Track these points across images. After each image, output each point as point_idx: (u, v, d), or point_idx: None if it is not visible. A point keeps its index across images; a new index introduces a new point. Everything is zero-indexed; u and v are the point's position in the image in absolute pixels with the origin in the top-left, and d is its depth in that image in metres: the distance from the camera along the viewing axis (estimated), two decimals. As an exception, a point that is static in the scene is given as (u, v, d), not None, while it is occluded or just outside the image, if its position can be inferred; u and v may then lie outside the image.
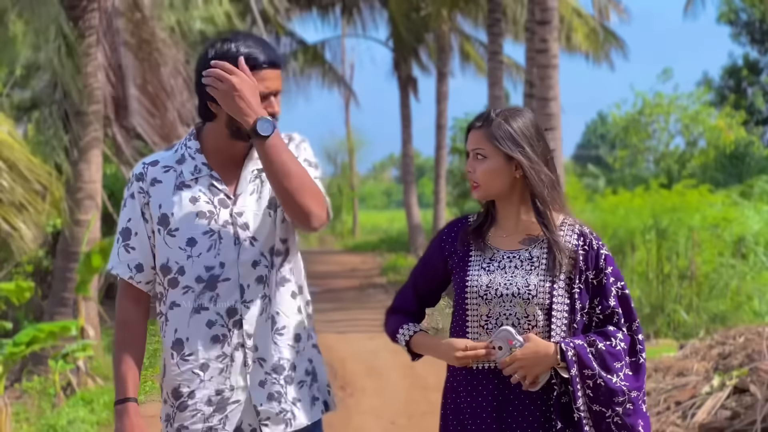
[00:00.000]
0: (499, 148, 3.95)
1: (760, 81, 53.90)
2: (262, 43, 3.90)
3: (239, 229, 3.91)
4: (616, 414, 3.88)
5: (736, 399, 9.06)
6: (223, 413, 3.91)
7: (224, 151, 3.97)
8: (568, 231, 4.05)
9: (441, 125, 34.60)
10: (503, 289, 3.94)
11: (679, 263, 17.14)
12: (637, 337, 4.01)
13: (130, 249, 3.98)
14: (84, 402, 11.00)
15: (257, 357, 3.93)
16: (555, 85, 16.86)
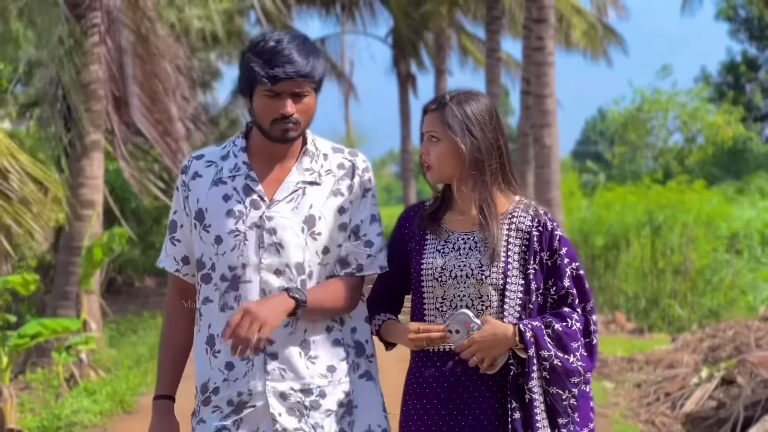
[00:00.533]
0: (447, 133, 3.96)
1: (758, 77, 54.01)
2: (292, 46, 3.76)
3: (265, 233, 3.83)
4: (573, 395, 3.89)
5: (723, 390, 9.28)
6: (238, 415, 3.83)
7: (265, 151, 3.91)
8: (522, 213, 4.04)
9: (440, 121, 34.79)
10: (457, 271, 3.94)
11: (674, 259, 17.28)
12: (591, 317, 4.00)
13: (176, 242, 3.97)
14: (87, 393, 11.17)
15: (278, 366, 3.83)
16: (551, 83, 17.04)
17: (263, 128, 3.81)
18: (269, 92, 3.74)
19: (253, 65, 3.72)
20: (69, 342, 11.74)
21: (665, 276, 17.05)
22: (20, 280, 10.80)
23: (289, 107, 3.74)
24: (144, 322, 17.46)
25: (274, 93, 3.74)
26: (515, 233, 3.99)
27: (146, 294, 23.24)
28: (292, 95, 3.76)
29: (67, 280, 13.46)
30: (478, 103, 4.00)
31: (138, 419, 10.52)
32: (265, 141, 3.87)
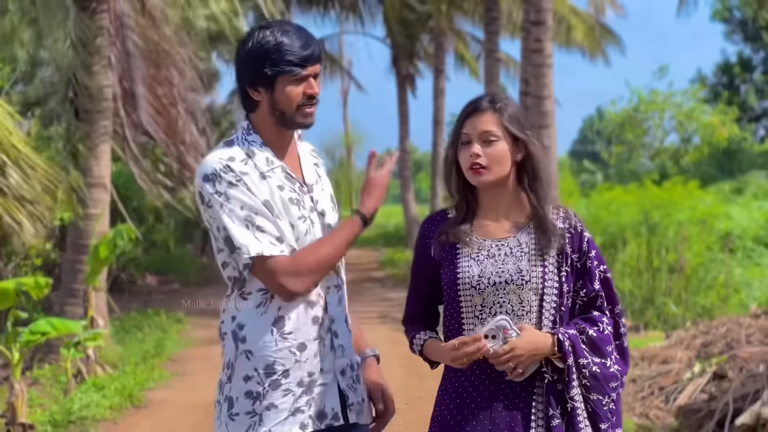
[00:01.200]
0: (509, 131, 3.95)
1: (753, 78, 54.20)
2: (299, 31, 3.92)
3: (320, 216, 4.01)
4: (612, 400, 3.90)
5: (715, 384, 9.56)
6: (310, 395, 3.90)
7: (278, 140, 4.01)
8: (554, 214, 4.04)
9: (438, 121, 34.90)
10: (495, 278, 3.89)
11: (669, 257, 17.47)
12: (620, 320, 4.01)
13: (263, 230, 3.85)
14: (96, 388, 11.40)
15: (339, 344, 3.99)
16: (549, 84, 17.29)
17: (287, 115, 3.91)
18: (297, 78, 3.87)
19: (282, 56, 3.84)
20: (77, 338, 11.95)
21: (660, 274, 17.21)
22: (33, 282, 11.00)
23: (315, 87, 3.91)
24: (148, 319, 17.63)
25: (301, 77, 3.87)
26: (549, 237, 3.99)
27: (148, 292, 23.39)
28: (314, 77, 3.92)
29: (75, 277, 13.63)
30: (517, 106, 4.05)
31: (147, 413, 10.79)
32: (276, 132, 3.99)
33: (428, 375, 4.59)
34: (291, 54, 3.83)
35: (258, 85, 3.90)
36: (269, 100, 3.90)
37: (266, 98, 3.91)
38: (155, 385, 12.17)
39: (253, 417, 3.85)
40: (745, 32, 54.23)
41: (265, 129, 3.98)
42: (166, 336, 15.98)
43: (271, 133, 3.99)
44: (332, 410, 3.92)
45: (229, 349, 3.93)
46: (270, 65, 3.84)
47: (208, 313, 19.08)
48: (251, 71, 3.90)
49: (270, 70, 3.85)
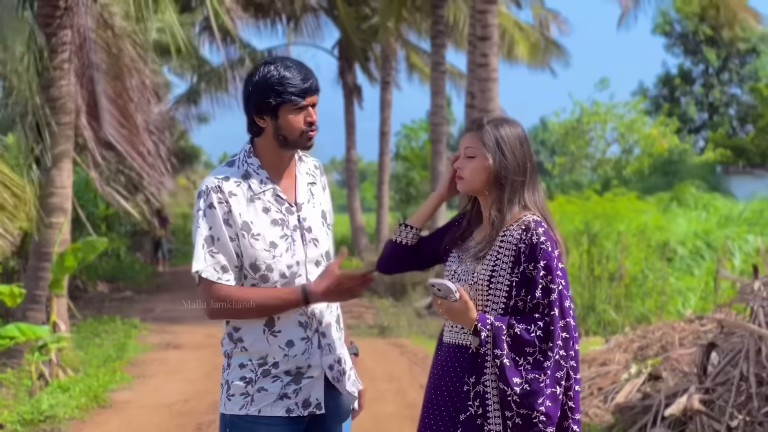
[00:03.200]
0: (485, 150, 4.48)
1: (693, 90, 55.10)
2: (299, 66, 4.44)
3: (305, 232, 4.50)
4: (515, 393, 4.22)
5: (650, 384, 10.17)
6: (298, 385, 4.42)
7: (277, 162, 4.52)
8: (516, 227, 4.45)
9: (384, 132, 35.26)
10: (461, 275, 4.52)
11: (609, 266, 17.94)
12: (552, 327, 4.29)
13: (214, 254, 4.38)
14: (62, 389, 11.80)
15: (326, 343, 4.50)
16: (495, 98, 17.81)
17: (290, 140, 4.44)
18: (297, 107, 4.39)
19: (284, 88, 4.35)
20: (42, 342, 12.33)
21: (601, 283, 17.60)
22: (8, 291, 11.40)
23: (314, 115, 4.43)
24: (104, 325, 18.02)
25: (301, 107, 4.39)
26: (506, 245, 4.44)
27: (101, 299, 23.69)
28: (312, 106, 4.44)
29: (37, 284, 13.90)
30: (512, 128, 4.54)
31: (113, 413, 11.21)
32: (276, 154, 4.50)
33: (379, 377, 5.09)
34: (292, 86, 4.35)
35: (263, 113, 4.40)
36: (273, 126, 4.41)
37: (271, 125, 4.42)
38: (118, 387, 12.60)
39: (246, 398, 4.40)
40: (685, 45, 55.18)
41: (266, 152, 4.50)
42: (125, 341, 16.40)
43: (271, 155, 4.50)
44: (316, 400, 4.44)
45: (227, 344, 4.48)
46: (274, 96, 4.36)
47: (164, 320, 19.54)
48: (257, 102, 4.41)
49: (274, 100, 4.36)
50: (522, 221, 4.46)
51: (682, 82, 54.80)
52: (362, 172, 75.50)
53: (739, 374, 7.56)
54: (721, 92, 54.91)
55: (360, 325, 17.37)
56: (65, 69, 13.83)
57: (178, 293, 24.71)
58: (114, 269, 28.20)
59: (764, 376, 7.13)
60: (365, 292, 5.10)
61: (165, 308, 21.67)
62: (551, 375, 4.26)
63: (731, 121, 55.47)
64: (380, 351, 14.37)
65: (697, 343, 10.14)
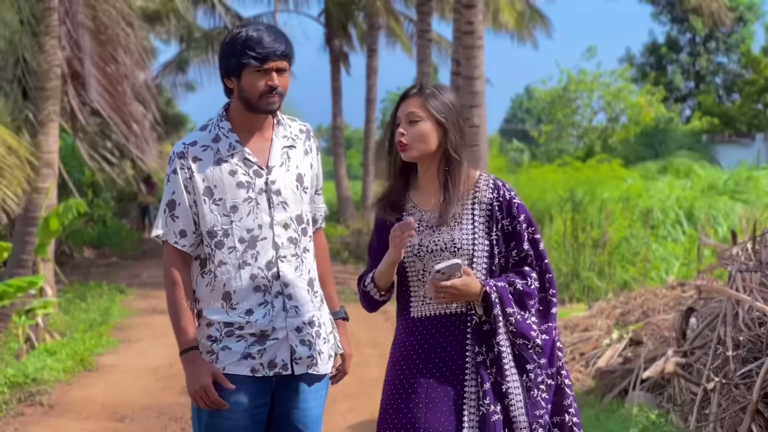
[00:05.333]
0: (431, 113, 4.45)
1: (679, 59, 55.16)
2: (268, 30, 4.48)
3: (273, 195, 4.50)
4: (536, 344, 4.35)
5: (631, 349, 10.30)
6: (262, 346, 4.45)
7: (247, 125, 4.56)
8: (484, 186, 4.55)
9: (370, 99, 35.29)
10: (432, 246, 4.44)
11: (593, 233, 18.03)
12: (547, 276, 4.50)
13: (175, 218, 4.52)
14: (48, 353, 11.90)
15: (293, 305, 4.50)
16: (480, 65, 17.86)
17: (251, 102, 4.46)
18: (259, 70, 4.40)
19: (245, 50, 4.39)
20: (29, 306, 12.42)
21: (585, 250, 17.68)
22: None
23: (276, 80, 4.41)
24: (91, 290, 18.09)
25: (262, 70, 4.40)
26: (478, 205, 4.51)
27: (87, 265, 23.77)
28: (277, 71, 4.43)
29: (24, 249, 14.01)
30: (449, 94, 4.55)
31: (99, 376, 11.30)
32: (246, 117, 4.54)
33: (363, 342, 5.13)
34: (255, 49, 4.39)
35: (230, 74, 4.49)
36: (238, 88, 4.47)
37: (236, 86, 4.47)
38: (104, 351, 12.68)
39: (211, 356, 4.48)
40: (672, 13, 55.19)
41: (237, 115, 4.56)
42: (110, 305, 16.49)
43: (241, 118, 4.55)
44: (282, 361, 4.47)
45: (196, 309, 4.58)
46: (237, 57, 4.42)
47: (149, 285, 19.60)
48: (224, 62, 4.51)
49: (237, 61, 4.42)
50: (485, 180, 4.57)
51: (669, 51, 54.85)
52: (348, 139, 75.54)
53: (716, 338, 7.67)
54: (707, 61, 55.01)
55: (345, 291, 17.43)
56: (52, 34, 13.86)
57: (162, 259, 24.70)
58: (100, 235, 28.26)
59: (741, 339, 7.24)
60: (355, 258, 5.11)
61: (151, 274, 21.71)
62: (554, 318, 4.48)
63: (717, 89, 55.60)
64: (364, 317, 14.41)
65: (677, 309, 10.27)
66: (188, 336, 4.46)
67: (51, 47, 13.84)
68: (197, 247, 4.57)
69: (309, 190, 4.70)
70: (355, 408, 9.26)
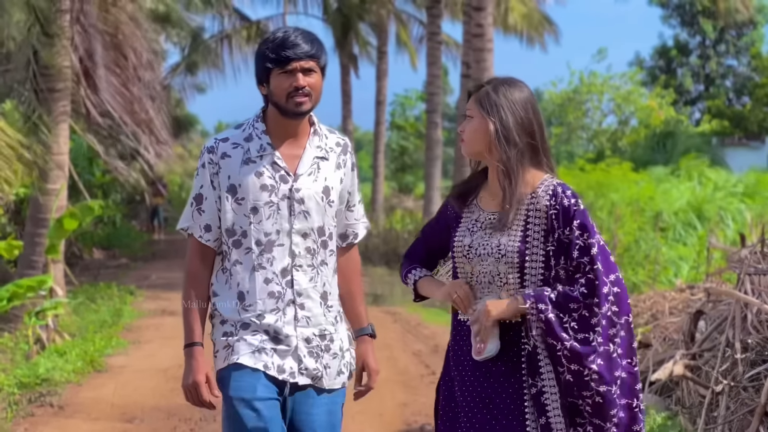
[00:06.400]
0: (480, 111, 4.31)
1: (689, 62, 55.12)
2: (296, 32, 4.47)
3: (296, 203, 4.47)
4: (565, 348, 4.08)
5: (640, 352, 10.30)
6: (275, 345, 4.45)
7: (282, 129, 4.54)
8: (542, 192, 4.27)
9: (380, 101, 35.38)
10: (481, 249, 4.28)
11: (603, 236, 18.07)
12: (595, 282, 4.13)
13: (201, 212, 4.53)
14: (58, 354, 11.96)
15: (304, 315, 4.49)
16: (490, 67, 17.94)
17: (280, 105, 4.45)
18: (283, 71, 4.39)
19: (268, 53, 4.42)
20: (39, 307, 12.48)
21: None
22: (5, 245, 11.51)
23: (300, 80, 4.39)
24: (101, 291, 18.16)
25: (286, 71, 4.39)
26: (534, 213, 4.26)
27: (97, 266, 23.81)
28: (302, 71, 4.40)
29: (34, 250, 14.03)
30: (513, 89, 4.35)
31: (108, 377, 11.35)
32: (281, 122, 4.52)
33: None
34: (277, 52, 4.39)
35: (261, 80, 4.51)
36: (269, 93, 4.48)
37: (268, 91, 4.49)
38: (114, 352, 12.74)
39: (227, 349, 4.48)
40: (682, 17, 55.15)
41: (272, 119, 4.54)
42: (121, 307, 16.55)
43: (276, 123, 4.54)
44: (290, 368, 4.46)
45: (212, 306, 4.60)
46: (263, 63, 4.45)
47: (158, 286, 19.67)
48: (256, 69, 4.54)
49: (263, 67, 4.46)
50: (546, 186, 4.32)
51: (679, 54, 54.80)
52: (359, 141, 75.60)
53: (725, 340, 7.69)
54: (717, 64, 54.95)
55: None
56: (64, 36, 13.89)
57: (173, 261, 24.82)
58: (110, 237, 28.33)
59: (749, 342, 7.26)
60: None
61: (160, 275, 21.79)
62: (603, 332, 4.12)
63: (727, 92, 55.53)
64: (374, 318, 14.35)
65: (686, 311, 10.27)
66: (193, 332, 4.51)
67: (62, 48, 13.86)
68: (221, 242, 4.58)
69: (336, 204, 4.65)
70: (365, 410, 9.28)
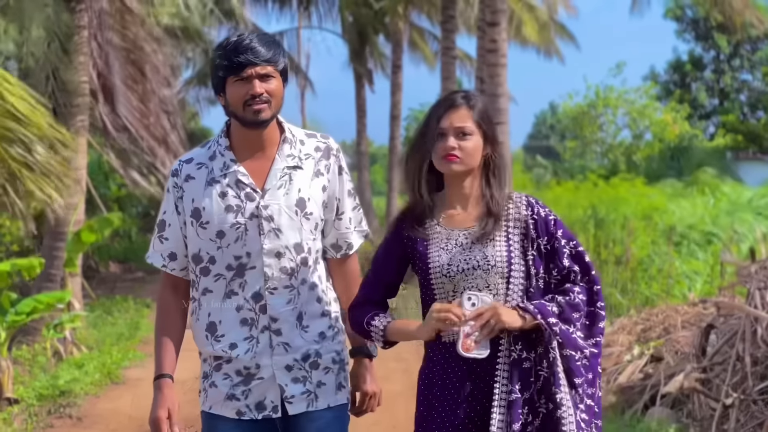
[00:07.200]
0: (481, 127, 4.14)
1: (703, 76, 55.03)
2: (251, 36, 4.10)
3: (264, 221, 4.13)
4: (585, 356, 4.04)
5: (652, 366, 10.40)
6: (247, 386, 4.18)
7: (246, 142, 4.20)
8: (517, 202, 4.21)
9: (395, 116, 35.39)
10: (464, 265, 4.08)
11: (615, 250, 18.09)
12: (594, 287, 4.13)
13: (164, 240, 4.26)
14: (76, 366, 12.12)
15: (281, 341, 4.19)
16: (504, 83, 17.99)
17: (238, 115, 4.10)
18: (238, 79, 4.04)
19: (221, 61, 4.08)
20: (57, 320, 12.62)
21: (608, 266, 17.72)
22: (27, 263, 11.66)
23: (257, 87, 4.04)
24: (117, 305, 18.28)
25: (242, 78, 4.03)
26: (513, 222, 4.18)
27: (113, 280, 23.95)
28: (259, 78, 4.05)
29: (52, 263, 14.16)
30: (486, 105, 4.29)
31: (125, 389, 11.49)
32: (245, 134, 4.17)
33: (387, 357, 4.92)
34: (230, 58, 4.06)
35: (218, 90, 4.18)
36: (226, 103, 4.16)
37: (225, 101, 4.16)
38: (131, 364, 12.87)
39: (204, 393, 4.32)
40: (696, 31, 55.10)
41: (235, 132, 4.23)
42: (137, 320, 16.67)
43: (239, 135, 4.22)
44: (271, 403, 4.20)
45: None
46: (217, 71, 4.13)
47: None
48: (211, 78, 4.24)
49: (217, 76, 4.14)
50: (517, 197, 4.26)
51: (693, 68, 54.75)
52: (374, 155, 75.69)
53: (735, 354, 7.79)
54: (732, 78, 54.87)
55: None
56: (82, 51, 14.04)
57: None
58: (126, 250, 28.43)
59: (759, 355, 7.35)
60: None
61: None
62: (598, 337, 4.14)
63: (742, 107, 55.44)
64: (388, 332, 14.50)
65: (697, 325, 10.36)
66: (161, 363, 4.28)
67: (80, 64, 14.02)
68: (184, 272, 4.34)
69: (317, 216, 4.30)
70: (380, 420, 9.37)
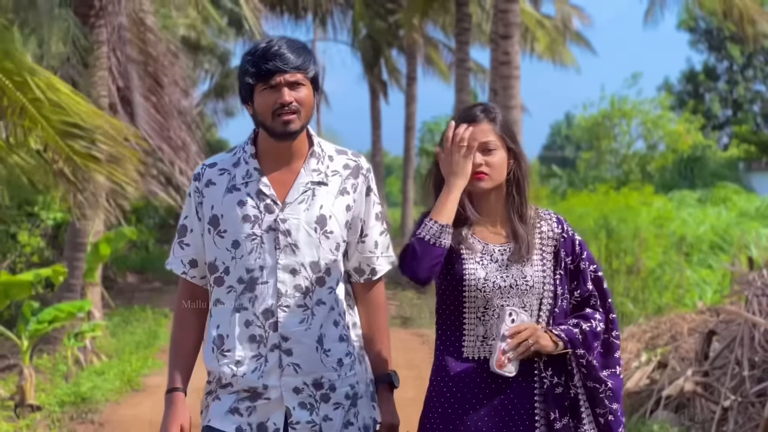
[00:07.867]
0: (505, 141, 4.05)
1: (717, 87, 55.14)
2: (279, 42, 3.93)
3: (281, 235, 3.96)
4: (608, 388, 4.00)
5: (659, 372, 10.63)
6: (252, 403, 3.99)
7: (273, 152, 4.03)
8: (547, 218, 4.16)
9: (410, 127, 35.53)
10: (500, 282, 3.97)
11: (627, 260, 18.28)
12: (611, 316, 4.11)
13: (185, 246, 4.10)
14: (97, 374, 12.39)
15: (292, 362, 3.98)
16: (517, 95, 18.25)
17: (266, 125, 3.95)
18: (266, 87, 3.89)
19: (249, 68, 3.91)
20: (78, 329, 12.89)
21: (619, 276, 17.86)
22: (51, 272, 11.95)
23: (286, 95, 3.87)
24: (135, 314, 18.55)
25: (270, 86, 3.88)
26: (546, 241, 4.12)
27: (131, 290, 24.20)
28: (288, 86, 3.89)
29: (72, 273, 14.36)
30: (506, 117, 4.18)
31: (145, 396, 11.74)
32: (272, 144, 4.01)
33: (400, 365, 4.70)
34: (258, 66, 3.90)
35: (245, 99, 4.02)
36: (254, 112, 4.01)
37: (253, 111, 4.01)
38: (150, 372, 13.13)
39: (206, 407, 4.16)
40: (710, 42, 55.25)
41: (263, 140, 4.06)
42: (156, 329, 16.94)
43: (267, 145, 4.04)
44: (274, 425, 3.99)
45: None
46: (245, 78, 3.97)
47: (192, 309, 20.01)
48: (239, 86, 4.07)
49: (246, 85, 3.98)
50: (546, 214, 4.21)
51: (707, 79, 54.89)
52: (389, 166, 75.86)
53: (734, 359, 8.03)
54: (745, 89, 54.99)
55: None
56: (101, 66, 14.31)
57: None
58: (143, 261, 28.70)
59: (756, 359, 7.59)
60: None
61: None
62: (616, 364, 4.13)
63: (755, 117, 55.56)
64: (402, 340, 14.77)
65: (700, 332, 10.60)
66: (173, 377, 4.15)
67: (100, 78, 14.28)
68: (205, 279, 4.17)
69: (338, 236, 4.10)
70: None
